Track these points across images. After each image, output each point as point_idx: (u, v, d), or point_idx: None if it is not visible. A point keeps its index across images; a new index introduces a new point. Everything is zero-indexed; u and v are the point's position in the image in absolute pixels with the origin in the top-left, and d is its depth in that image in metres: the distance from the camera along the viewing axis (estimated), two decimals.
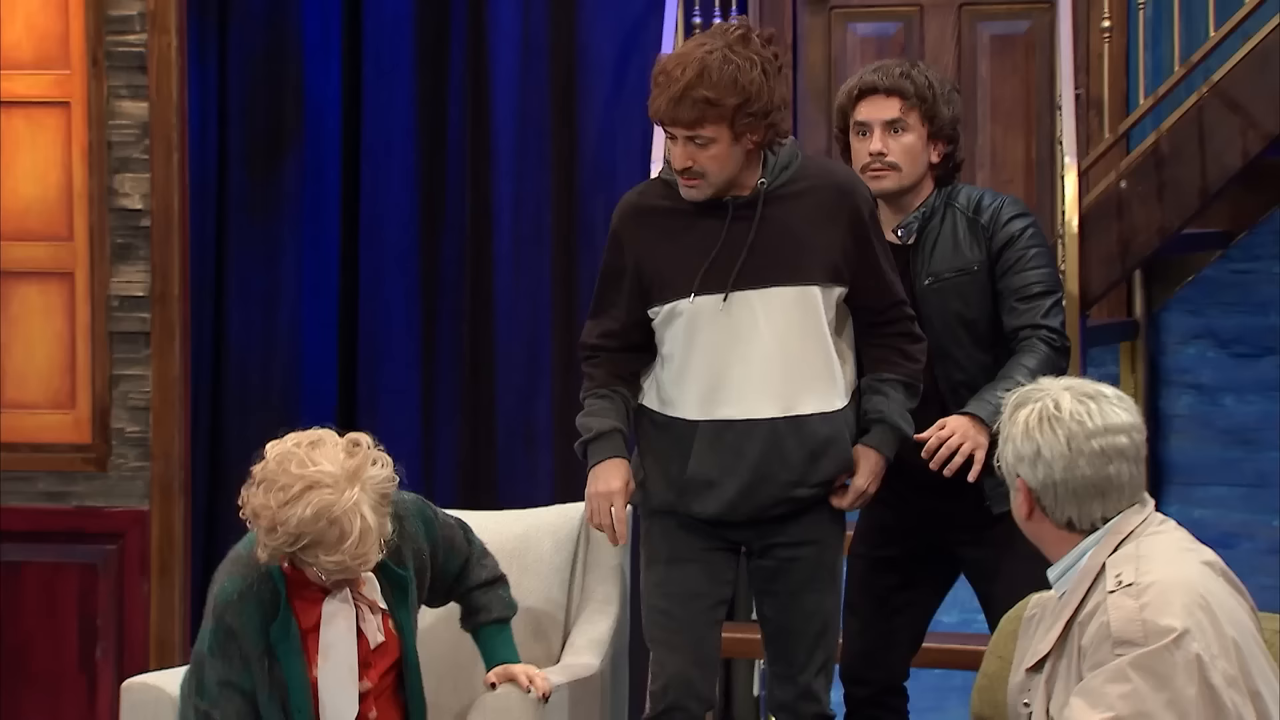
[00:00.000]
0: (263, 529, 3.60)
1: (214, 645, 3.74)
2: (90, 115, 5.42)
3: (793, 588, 3.99)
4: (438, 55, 6.17)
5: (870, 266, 3.97)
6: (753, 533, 3.99)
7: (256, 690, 3.73)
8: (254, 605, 3.72)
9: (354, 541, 3.57)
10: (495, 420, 6.11)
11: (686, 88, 3.80)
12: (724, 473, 3.94)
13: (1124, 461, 3.03)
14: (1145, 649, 2.87)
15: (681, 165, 3.87)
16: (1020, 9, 5.95)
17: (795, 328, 3.91)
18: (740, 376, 3.91)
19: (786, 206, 3.92)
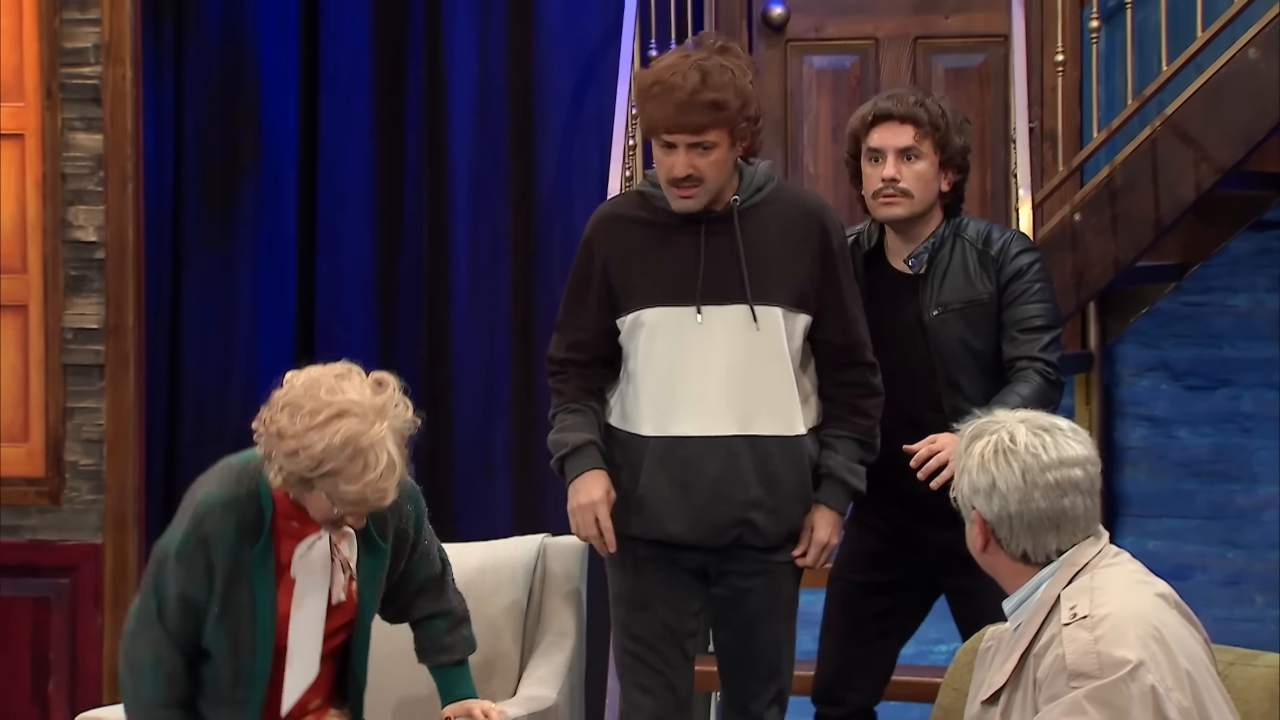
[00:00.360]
0: (283, 452, 3.50)
1: (182, 549, 3.62)
2: (44, 147, 5.41)
3: (749, 617, 3.99)
4: (395, 84, 6.17)
5: (835, 299, 3.98)
6: (709, 559, 3.98)
7: (208, 608, 3.63)
8: (235, 520, 3.62)
9: (376, 475, 3.49)
10: (453, 451, 6.10)
11: (693, 93, 3.82)
12: (677, 491, 3.93)
13: (1078, 494, 3.04)
14: (1101, 681, 2.88)
15: (683, 173, 3.87)
16: (975, 42, 5.98)
17: (757, 348, 3.91)
18: (698, 392, 3.92)
19: (758, 226, 3.94)
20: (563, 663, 4.48)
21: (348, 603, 3.73)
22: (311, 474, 3.49)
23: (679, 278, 3.92)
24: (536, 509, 6.02)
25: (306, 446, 3.48)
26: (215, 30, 6.15)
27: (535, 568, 4.54)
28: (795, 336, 3.95)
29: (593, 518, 3.94)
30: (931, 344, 4.12)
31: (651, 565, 4.00)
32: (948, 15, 6.02)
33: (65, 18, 5.41)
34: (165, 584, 3.64)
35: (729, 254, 3.91)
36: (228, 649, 3.65)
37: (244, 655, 3.65)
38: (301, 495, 3.57)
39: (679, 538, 3.96)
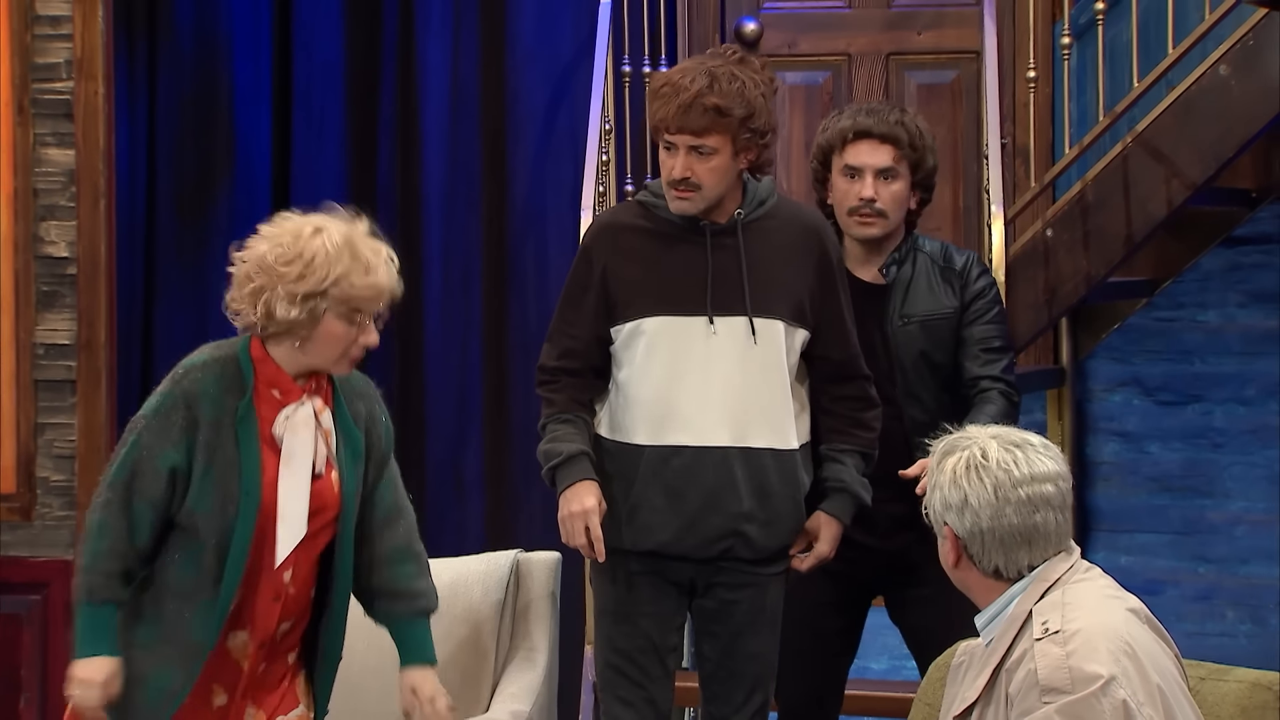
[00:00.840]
0: (289, 280, 3.51)
1: (159, 409, 3.58)
2: (16, 162, 5.39)
3: (733, 629, 3.99)
4: (368, 98, 6.17)
5: (834, 314, 3.99)
6: (695, 570, 3.98)
7: (193, 467, 3.57)
8: (217, 375, 3.60)
9: (383, 262, 3.56)
10: (425, 468, 6.09)
11: (697, 95, 3.83)
12: (670, 500, 3.93)
13: (1050, 510, 3.05)
14: (1072, 696, 2.88)
15: (680, 175, 3.88)
16: (947, 58, 6.00)
17: (755, 360, 3.92)
18: (695, 402, 3.92)
19: (760, 240, 3.94)
20: (537, 678, 4.48)
21: (330, 497, 3.67)
22: (325, 284, 3.52)
23: (682, 288, 3.92)
24: (509, 525, 6.02)
25: (309, 260, 3.52)
26: (188, 44, 6.15)
27: (509, 583, 4.54)
28: (794, 351, 3.96)
29: (583, 526, 3.92)
30: (893, 354, 4.14)
31: (639, 579, 3.99)
32: (920, 32, 6.04)
33: (37, 33, 5.39)
34: (138, 449, 3.59)
35: (732, 266, 3.92)
36: (215, 506, 3.58)
37: (230, 513, 3.58)
38: (312, 331, 3.56)
39: (668, 547, 3.95)
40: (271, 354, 3.63)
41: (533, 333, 6.09)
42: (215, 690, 3.66)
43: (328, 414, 3.68)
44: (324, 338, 3.59)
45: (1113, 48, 5.43)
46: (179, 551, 3.62)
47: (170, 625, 3.62)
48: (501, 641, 4.51)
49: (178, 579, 3.62)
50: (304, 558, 3.67)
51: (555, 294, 5.97)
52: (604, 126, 5.45)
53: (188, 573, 3.61)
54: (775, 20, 6.12)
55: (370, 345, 3.64)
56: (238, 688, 3.68)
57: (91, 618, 3.60)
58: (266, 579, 3.64)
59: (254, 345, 3.64)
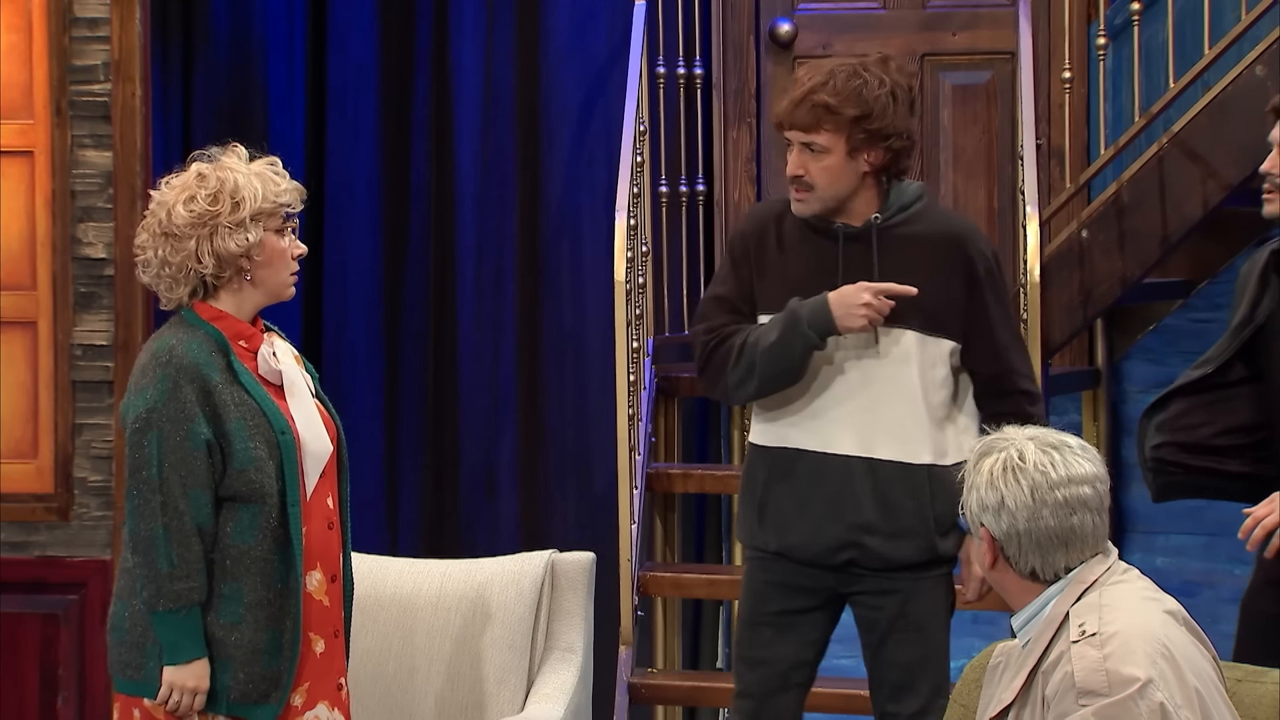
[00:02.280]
0: (228, 215, 3.63)
1: (163, 396, 3.61)
2: (54, 164, 5.41)
3: (877, 638, 3.98)
4: (401, 102, 6.18)
5: (981, 325, 3.92)
6: (834, 579, 3.97)
7: (224, 431, 3.61)
8: (199, 343, 3.66)
9: (281, 173, 3.75)
10: (459, 468, 6.10)
11: (809, 92, 3.82)
12: (796, 504, 3.93)
13: (1087, 512, 3.04)
14: (1109, 699, 2.88)
15: (793, 173, 3.87)
16: (982, 59, 5.99)
17: (881, 370, 3.89)
18: (820, 408, 3.91)
19: (897, 247, 3.90)
20: (572, 678, 4.48)
21: (326, 418, 3.78)
22: (259, 204, 3.66)
23: (812, 291, 3.88)
24: (543, 525, 6.02)
25: (234, 189, 3.66)
26: (223, 46, 6.17)
27: (543, 583, 4.55)
28: (935, 363, 3.90)
29: (864, 292, 3.82)
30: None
31: (774, 585, 3.99)
32: (955, 32, 6.03)
33: (75, 35, 5.41)
34: (164, 443, 3.61)
35: (863, 272, 3.87)
36: (263, 454, 3.64)
37: (276, 457, 3.64)
38: (260, 254, 3.66)
39: (795, 551, 3.95)
40: (220, 308, 3.71)
41: (567, 333, 6.09)
42: (314, 639, 3.71)
43: (290, 347, 3.82)
44: (273, 257, 3.71)
45: (1148, 48, 5.41)
46: (231, 523, 3.65)
47: (254, 591, 3.65)
48: (536, 642, 4.51)
49: (241, 546, 3.65)
50: (334, 484, 3.77)
51: (589, 294, 6.05)
52: (638, 127, 5.45)
53: (249, 538, 3.65)
54: (810, 21, 6.11)
55: (301, 253, 3.78)
56: (330, 629, 3.74)
57: (181, 624, 3.62)
58: (317, 510, 3.71)
59: (200, 308, 3.71)
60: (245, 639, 3.64)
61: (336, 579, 3.76)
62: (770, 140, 6.14)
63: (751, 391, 3.94)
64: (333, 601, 3.74)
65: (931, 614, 3.96)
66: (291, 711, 3.69)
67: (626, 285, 5.21)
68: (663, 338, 5.86)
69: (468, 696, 4.45)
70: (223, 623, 3.64)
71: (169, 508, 3.60)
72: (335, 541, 3.75)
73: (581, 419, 6.04)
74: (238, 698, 3.65)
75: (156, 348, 3.67)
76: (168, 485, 3.60)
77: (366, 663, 4.47)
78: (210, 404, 3.63)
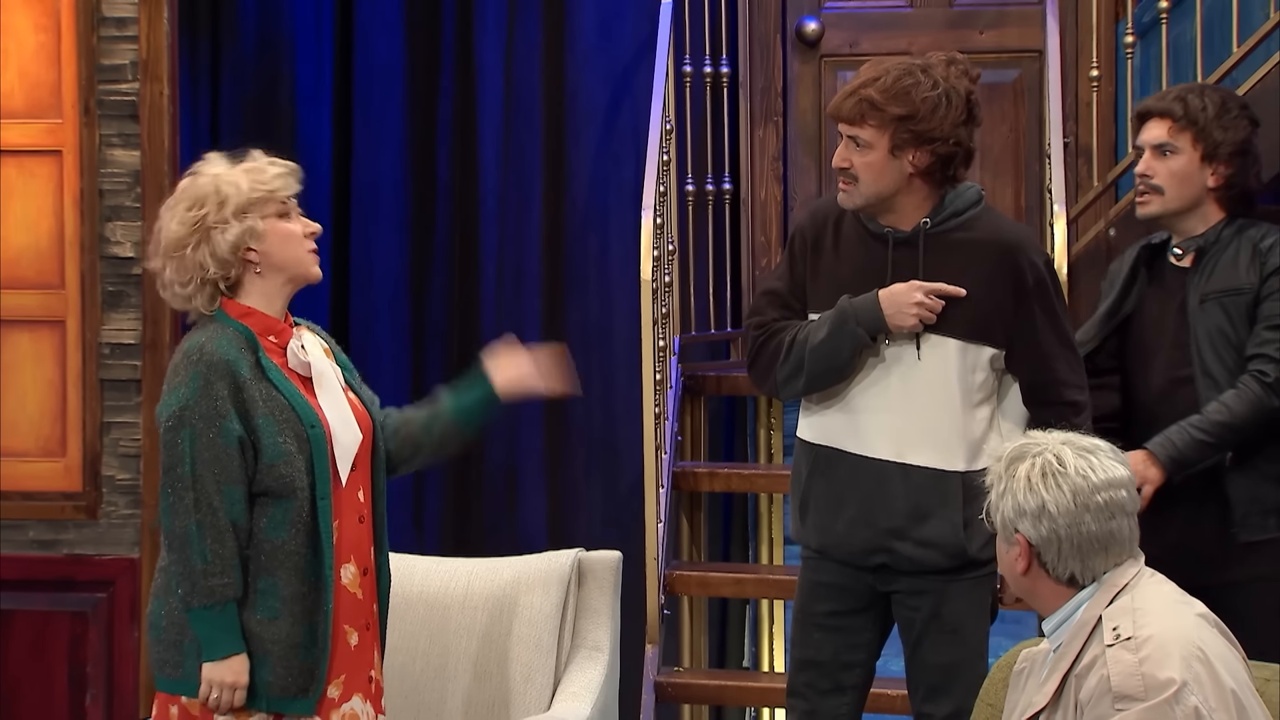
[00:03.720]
0: (214, 217, 3.66)
1: (195, 393, 3.63)
2: (82, 163, 5.43)
3: (913, 639, 3.98)
4: (426, 102, 6.19)
5: (1028, 335, 3.90)
6: (874, 578, 3.98)
7: (254, 427, 3.64)
8: (229, 341, 3.68)
9: (264, 165, 3.76)
10: (484, 467, 6.10)
11: (859, 85, 3.83)
12: (832, 503, 3.94)
13: (1124, 516, 3.04)
14: (1146, 703, 2.87)
15: (837, 164, 3.88)
16: (1009, 57, 5.98)
17: (920, 376, 3.88)
18: (859, 411, 3.91)
19: (945, 252, 3.89)
20: (598, 677, 4.48)
21: (359, 410, 3.79)
22: (244, 195, 3.67)
23: (860, 294, 3.89)
24: (569, 524, 6.03)
25: (214, 190, 3.69)
26: (250, 46, 6.18)
27: (570, 582, 4.55)
28: (974, 368, 3.89)
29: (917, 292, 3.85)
30: (1194, 334, 4.12)
31: (825, 584, 4.00)
32: (982, 31, 6.02)
33: (103, 35, 5.43)
34: (196, 440, 3.63)
35: (911, 277, 3.87)
36: (292, 449, 3.66)
37: (306, 451, 3.66)
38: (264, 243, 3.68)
39: (830, 550, 3.96)
40: (248, 304, 3.73)
41: (591, 332, 6.09)
42: (347, 631, 3.72)
43: (321, 340, 3.84)
44: (280, 241, 3.72)
45: (1176, 46, 5.40)
46: (264, 518, 3.67)
47: (289, 585, 3.67)
48: (563, 641, 4.51)
49: (275, 541, 3.67)
50: (366, 477, 3.78)
51: (615, 294, 6.05)
52: (665, 126, 5.45)
53: (282, 533, 3.67)
54: (836, 20, 6.11)
55: (314, 231, 3.79)
56: (363, 622, 3.75)
57: (218, 620, 3.63)
58: (348, 504, 3.73)
59: (228, 306, 3.73)
60: (282, 633, 3.65)
61: (369, 572, 3.77)
62: (797, 138, 6.13)
63: (799, 388, 3.96)
64: (365, 594, 3.76)
65: (967, 616, 3.96)
66: (328, 704, 3.71)
67: (653, 284, 5.21)
68: (689, 336, 5.86)
69: (494, 695, 4.45)
70: (260, 618, 3.65)
71: (202, 504, 3.62)
72: (367, 535, 3.77)
73: (608, 418, 6.04)
74: (278, 693, 3.67)
75: (188, 346, 3.70)
76: (201, 482, 3.62)
77: (394, 661, 4.48)
78: (240, 400, 3.65)
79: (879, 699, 4.59)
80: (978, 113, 3.92)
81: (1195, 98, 4.18)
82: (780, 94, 6.12)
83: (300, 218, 3.78)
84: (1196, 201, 4.18)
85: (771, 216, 6.14)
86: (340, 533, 3.71)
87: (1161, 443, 4.04)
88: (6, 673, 5.49)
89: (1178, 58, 5.39)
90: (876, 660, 4.08)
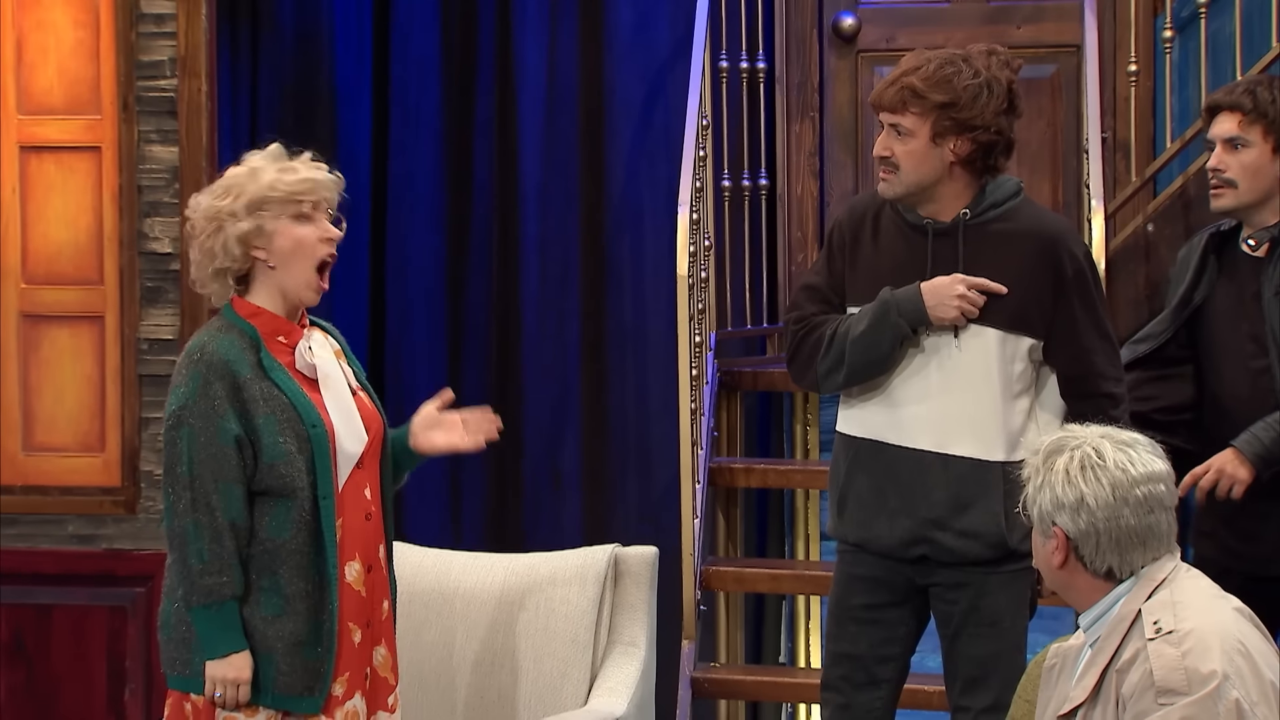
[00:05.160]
0: (230, 207, 3.69)
1: (194, 393, 3.65)
2: (121, 159, 5.45)
3: (952, 632, 3.98)
4: (464, 97, 6.19)
5: (1066, 327, 3.91)
6: (912, 570, 3.98)
7: (254, 426, 3.65)
8: (232, 340, 3.70)
9: (299, 166, 3.76)
10: (522, 463, 6.11)
11: (901, 74, 3.85)
12: (874, 496, 3.94)
13: (1163, 510, 3.03)
14: (1189, 698, 2.87)
15: (878, 152, 3.89)
16: (1046, 53, 5.97)
17: (959, 366, 3.89)
18: (899, 401, 3.92)
19: (984, 243, 3.90)
20: (635, 673, 4.49)
21: (369, 410, 3.81)
22: (261, 191, 3.68)
23: (900, 286, 3.90)
24: (607, 520, 6.03)
25: (236, 182, 3.72)
26: (289, 41, 6.19)
27: (606, 577, 4.55)
28: (1014, 359, 3.90)
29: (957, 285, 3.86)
30: (1268, 326, 4.10)
31: (856, 583, 4.01)
32: (1019, 25, 6.00)
33: (141, 31, 5.45)
34: (195, 440, 3.65)
35: (951, 269, 3.88)
36: (292, 449, 3.67)
37: (307, 451, 3.67)
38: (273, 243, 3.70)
39: (869, 543, 3.96)
40: (257, 302, 3.74)
41: (629, 329, 6.09)
42: (351, 628, 3.74)
43: (331, 341, 3.85)
44: (290, 245, 3.72)
45: (1215, 41, 5.37)
46: (267, 517, 3.69)
47: (293, 584, 3.68)
48: (599, 636, 4.52)
49: (277, 540, 3.68)
50: (374, 475, 3.79)
51: (651, 290, 6.05)
52: (701, 122, 5.45)
53: (284, 532, 3.68)
54: (873, 15, 6.10)
55: (331, 237, 3.78)
56: (364, 620, 3.76)
57: (218, 618, 3.65)
58: (354, 501, 3.74)
59: (238, 305, 3.75)
60: (287, 631, 3.67)
61: (374, 569, 3.78)
62: (833, 134, 6.13)
63: (840, 381, 3.96)
64: (369, 592, 3.77)
65: (1005, 609, 3.95)
66: (333, 702, 3.72)
67: (689, 280, 5.21)
68: (725, 332, 5.86)
69: (531, 690, 4.46)
70: (264, 615, 3.67)
71: (199, 504, 3.64)
72: (373, 532, 3.78)
73: (644, 414, 6.04)
74: (283, 690, 3.68)
75: (190, 346, 3.74)
76: (199, 481, 3.64)
77: (430, 656, 4.49)
78: (240, 400, 3.66)
79: (915, 694, 4.59)
80: (1019, 103, 3.93)
81: (1264, 90, 4.16)
82: (817, 89, 6.11)
83: (322, 223, 3.77)
84: (1270, 193, 4.15)
85: (808, 212, 6.13)
86: (345, 530, 3.73)
87: (1249, 440, 4.01)
88: (47, 667, 5.51)
89: (1216, 52, 5.37)
90: (912, 655, 4.08)
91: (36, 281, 5.49)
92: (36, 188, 5.48)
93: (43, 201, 5.47)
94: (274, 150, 3.81)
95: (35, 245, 5.49)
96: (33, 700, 5.52)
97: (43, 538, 5.49)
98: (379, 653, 3.81)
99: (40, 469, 5.50)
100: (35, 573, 5.48)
